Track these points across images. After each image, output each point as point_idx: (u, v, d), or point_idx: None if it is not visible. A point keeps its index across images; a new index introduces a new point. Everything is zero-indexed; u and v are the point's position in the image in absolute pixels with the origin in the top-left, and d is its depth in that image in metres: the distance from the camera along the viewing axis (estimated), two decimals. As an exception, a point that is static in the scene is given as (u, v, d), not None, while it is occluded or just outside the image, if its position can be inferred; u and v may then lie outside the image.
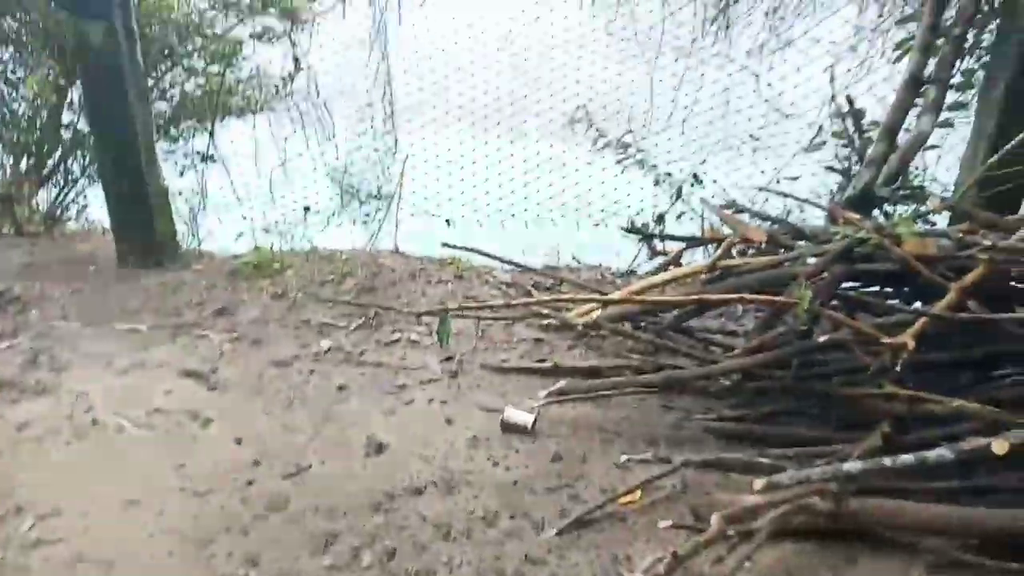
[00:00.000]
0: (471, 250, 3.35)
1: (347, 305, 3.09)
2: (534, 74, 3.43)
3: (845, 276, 2.45)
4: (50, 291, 3.27)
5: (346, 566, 1.90)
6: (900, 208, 2.93)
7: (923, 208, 2.87)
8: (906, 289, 2.59)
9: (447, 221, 3.63)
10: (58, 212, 3.98)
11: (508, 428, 2.42)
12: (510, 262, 3.40)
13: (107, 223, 4.05)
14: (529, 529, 2.02)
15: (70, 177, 4.34)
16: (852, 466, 1.91)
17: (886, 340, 2.07)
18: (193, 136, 4.31)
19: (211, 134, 3.77)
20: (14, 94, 4.16)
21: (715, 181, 3.38)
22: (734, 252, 2.71)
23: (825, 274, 2.41)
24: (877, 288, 2.66)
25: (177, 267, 3.47)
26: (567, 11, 3.25)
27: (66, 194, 4.36)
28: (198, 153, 4.25)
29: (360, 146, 3.61)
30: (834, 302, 2.51)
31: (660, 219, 3.23)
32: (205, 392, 2.62)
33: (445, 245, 3.27)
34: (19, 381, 2.65)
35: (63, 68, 3.83)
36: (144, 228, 3.33)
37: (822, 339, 2.20)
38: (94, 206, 4.23)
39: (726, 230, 2.98)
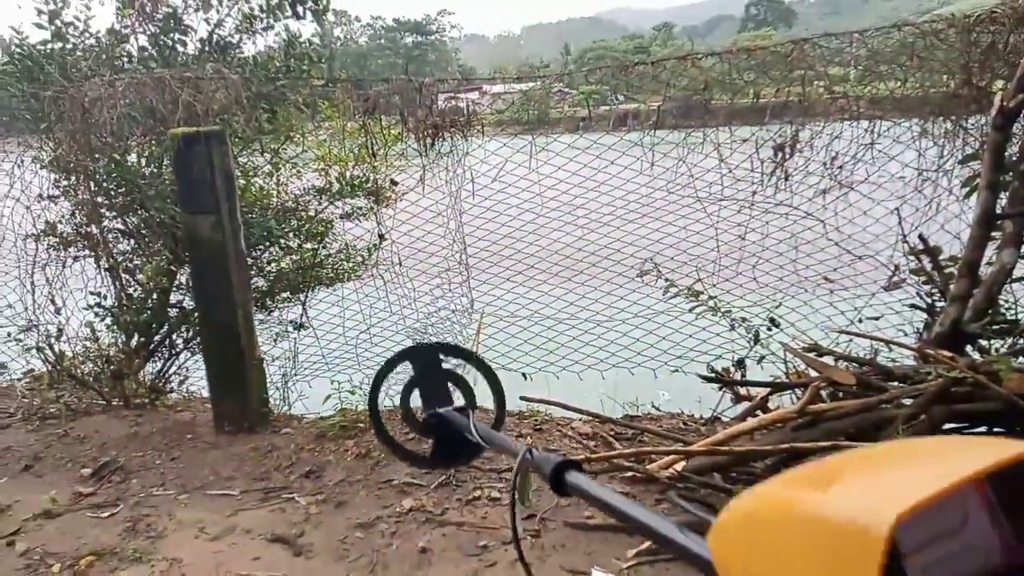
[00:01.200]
0: (549, 402, 3.36)
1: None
2: (602, 232, 3.60)
3: (945, 418, 2.32)
4: (150, 460, 3.44)
5: None
6: (994, 343, 2.81)
7: (1021, 343, 2.73)
8: (1017, 428, 2.41)
9: (524, 375, 3.68)
10: (162, 384, 4.26)
11: (593, 591, 2.30)
12: (589, 413, 3.38)
13: (206, 392, 4.31)
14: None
15: (173, 351, 4.69)
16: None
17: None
18: (287, 306, 4.63)
19: (303, 304, 4.05)
20: (130, 280, 4.64)
21: (792, 324, 3.35)
22: (823, 396, 2.62)
23: (923, 416, 2.29)
24: (984, 429, 2.49)
25: (269, 432, 3.61)
26: (628, 175, 3.47)
27: (169, 366, 4.69)
28: (291, 322, 4.56)
29: (439, 308, 3.80)
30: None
31: (740, 364, 3.19)
32: (291, 557, 2.62)
33: (523, 399, 3.30)
34: (119, 549, 2.74)
35: (174, 256, 4.27)
36: (240, 398, 3.53)
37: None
38: (193, 376, 4.50)
39: (813, 373, 2.91)
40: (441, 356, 1.29)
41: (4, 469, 3.47)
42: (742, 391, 3.79)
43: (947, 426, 2.45)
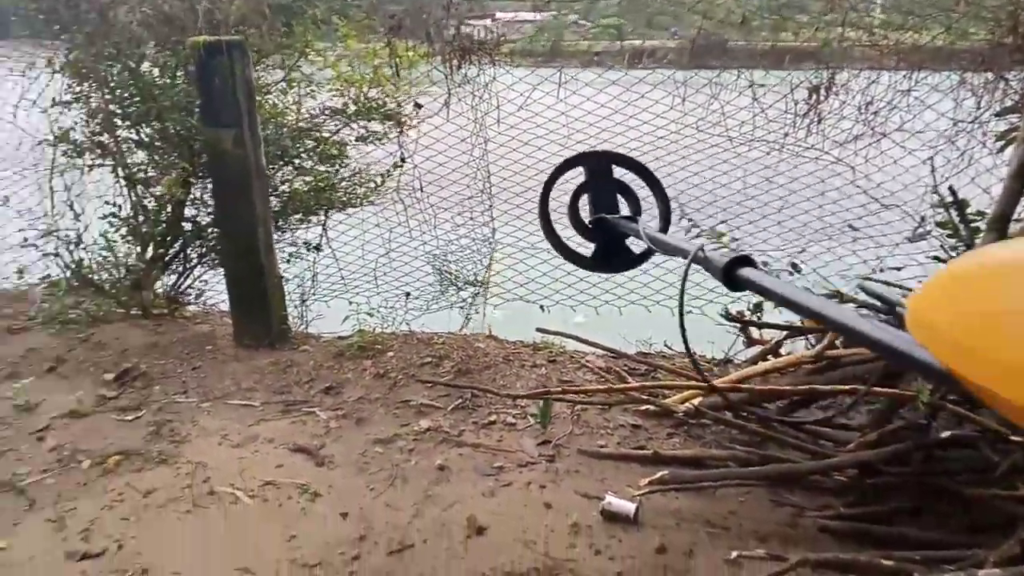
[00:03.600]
0: (565, 335, 3.41)
1: (445, 387, 3.18)
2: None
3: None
4: (172, 369, 3.51)
5: (452, 648, 1.89)
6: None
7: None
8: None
9: (541, 307, 3.72)
10: (179, 296, 4.30)
11: (609, 516, 2.39)
12: (604, 348, 3.43)
13: (223, 306, 4.36)
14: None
15: (188, 264, 4.71)
16: (988, 574, 1.79)
17: (1015, 438, 1.97)
18: (300, 227, 4.62)
19: (323, 227, 4.05)
20: (145, 191, 4.61)
21: (815, 270, 3.37)
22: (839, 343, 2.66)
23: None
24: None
25: (288, 348, 3.67)
26: (658, 110, 3.41)
27: (183, 280, 4.72)
28: (304, 243, 4.56)
29: (459, 236, 3.80)
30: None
31: (758, 307, 3.22)
32: (313, 468, 2.72)
33: (539, 330, 3.35)
34: (144, 451, 2.83)
35: (192, 169, 4.23)
36: (260, 312, 3.57)
37: (945, 435, 2.11)
38: (210, 291, 4.54)
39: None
40: (612, 164, 1.29)
41: (30, 369, 3.55)
42: (755, 335, 3.84)
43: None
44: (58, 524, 2.39)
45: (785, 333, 3.13)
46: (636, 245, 1.21)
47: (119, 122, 4.25)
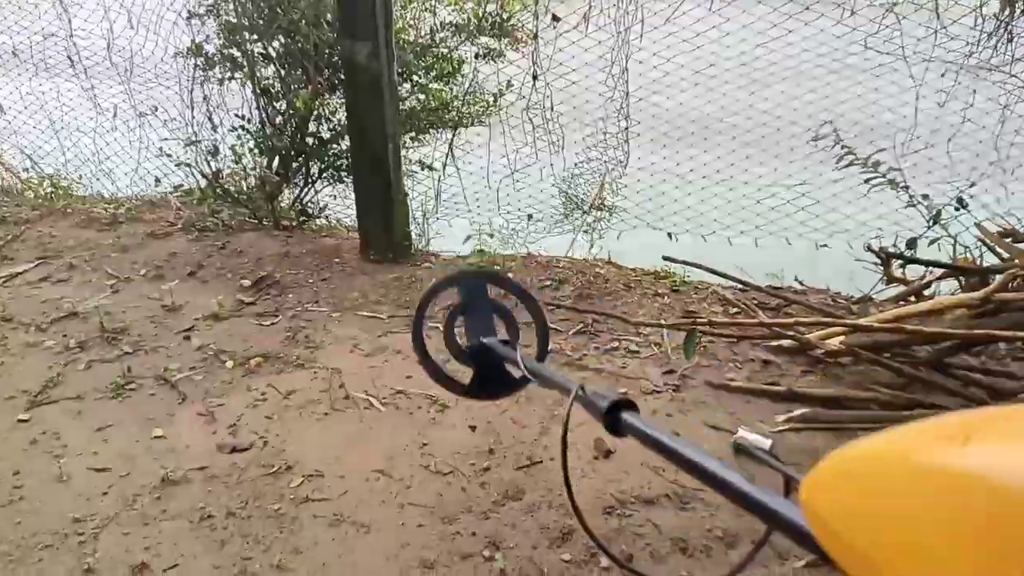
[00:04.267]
0: (693, 264, 3.28)
1: (568, 310, 3.15)
2: (778, 88, 3.30)
3: None
4: (303, 278, 3.66)
5: (584, 563, 1.92)
6: None
7: None
8: None
9: (669, 235, 3.58)
10: (306, 209, 4.44)
11: (740, 451, 2.33)
12: (732, 278, 3.28)
13: (347, 222, 4.48)
14: (773, 557, 1.92)
15: (311, 179, 4.83)
16: None
17: None
18: (418, 145, 4.61)
19: (450, 145, 4.02)
20: (270, 104, 4.71)
21: (984, 206, 3.05)
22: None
23: None
24: None
25: (410, 265, 3.73)
26: (822, 24, 3.10)
27: (307, 193, 4.85)
28: (419, 162, 4.57)
29: (590, 158, 3.68)
30: None
31: (912, 243, 2.96)
32: (440, 381, 2.77)
33: (666, 259, 3.23)
34: (282, 354, 2.98)
35: (325, 84, 4.27)
36: (386, 228, 3.63)
37: None
38: (333, 206, 4.65)
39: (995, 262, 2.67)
40: (488, 286, 1.26)
41: (173, 272, 3.79)
42: (897, 274, 3.57)
43: None
44: (208, 418, 2.57)
45: (940, 273, 2.87)
46: (516, 370, 1.14)
47: (248, 35, 4.33)
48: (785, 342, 2.73)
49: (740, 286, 3.35)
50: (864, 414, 2.34)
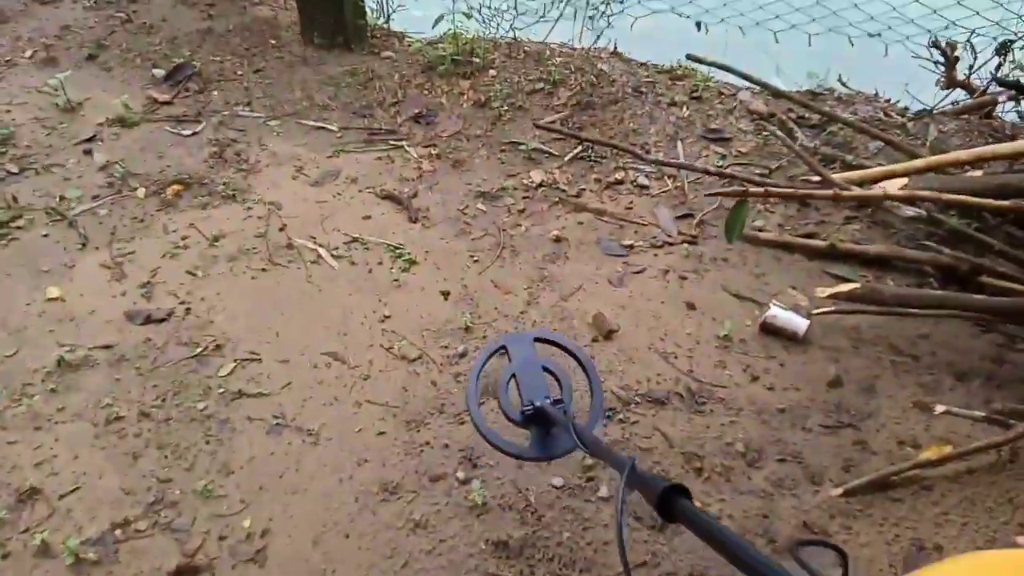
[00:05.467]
0: (718, 66, 2.58)
1: (563, 135, 2.51)
2: None
3: None
4: (231, 69, 2.90)
5: (579, 490, 1.59)
6: None
7: None
8: None
9: (697, 24, 2.81)
10: None
11: (770, 330, 1.92)
12: (763, 84, 2.62)
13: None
14: (804, 481, 1.61)
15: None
16: None
17: None
18: None
19: None
20: None
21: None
22: None
23: None
24: None
25: (365, 51, 2.96)
26: None
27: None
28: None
29: None
30: None
31: (1003, 48, 2.30)
32: (405, 223, 2.25)
33: (689, 57, 2.53)
34: (207, 180, 2.39)
35: None
36: (334, 2, 2.80)
37: None
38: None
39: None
40: (538, 347, 1.24)
41: (67, 56, 3.00)
42: (960, 77, 2.93)
43: None
44: (115, 272, 2.06)
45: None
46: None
47: None
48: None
49: (773, 94, 2.70)
50: (944, 295, 1.87)
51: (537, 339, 1.25)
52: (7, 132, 2.58)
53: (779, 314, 1.91)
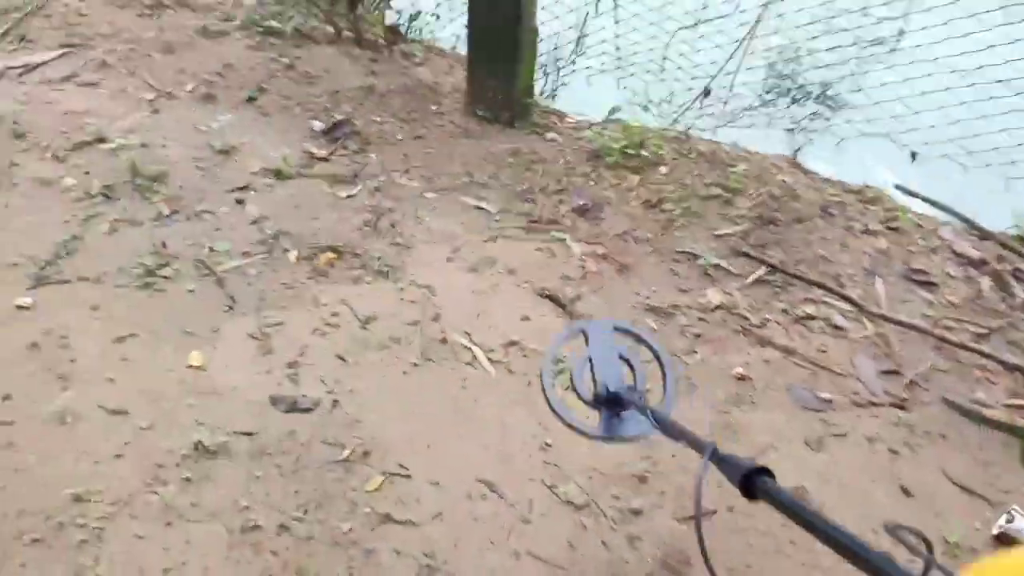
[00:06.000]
0: (929, 201, 2.32)
1: (748, 258, 2.28)
2: None
3: None
4: (391, 132, 2.80)
5: None
6: None
7: None
8: None
9: (913, 155, 2.56)
10: (398, 26, 3.42)
11: (1009, 543, 1.60)
12: (974, 224, 2.34)
13: (447, 46, 3.48)
14: None
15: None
16: None
17: None
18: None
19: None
20: None
21: None
22: None
23: None
24: None
25: (529, 131, 2.82)
26: None
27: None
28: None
29: (817, 34, 2.55)
30: None
31: None
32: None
33: (900, 189, 2.27)
34: (361, 251, 2.25)
35: None
36: (505, 73, 2.69)
37: None
38: (432, 22, 3.62)
39: None
40: (616, 335, 1.25)
41: (226, 95, 2.96)
42: None
43: None
44: (262, 345, 1.91)
45: None
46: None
47: None
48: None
49: (980, 235, 2.41)
50: None
51: (616, 328, 1.28)
52: (163, 170, 2.52)
53: (1019, 518, 1.59)
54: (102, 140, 2.65)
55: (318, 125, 2.81)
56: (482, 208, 2.48)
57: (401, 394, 1.82)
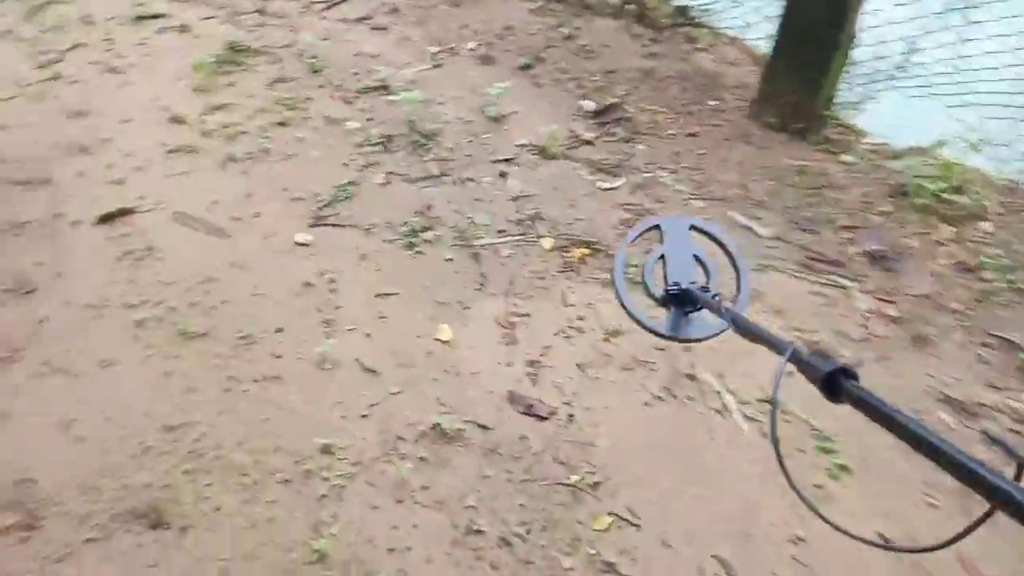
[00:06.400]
0: None
1: None
2: None
3: None
4: (663, 124, 2.61)
5: None
6: None
7: None
8: None
9: None
10: (686, 9, 3.17)
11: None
12: None
13: (740, 34, 3.19)
14: None
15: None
16: None
17: None
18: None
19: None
20: None
21: None
22: None
23: None
24: None
25: (821, 147, 2.50)
26: None
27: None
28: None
29: None
30: None
31: None
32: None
33: None
34: (614, 251, 2.11)
35: None
36: (808, 77, 2.37)
37: None
38: (726, 12, 3.32)
39: None
40: (693, 233, 1.18)
41: (504, 58, 2.96)
42: None
43: None
44: (507, 334, 1.86)
45: None
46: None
47: None
48: None
49: None
50: None
51: (693, 227, 1.20)
52: (437, 128, 2.55)
53: None
54: (386, 88, 2.74)
55: (589, 105, 2.69)
56: (752, 230, 2.23)
57: (640, 427, 1.68)
